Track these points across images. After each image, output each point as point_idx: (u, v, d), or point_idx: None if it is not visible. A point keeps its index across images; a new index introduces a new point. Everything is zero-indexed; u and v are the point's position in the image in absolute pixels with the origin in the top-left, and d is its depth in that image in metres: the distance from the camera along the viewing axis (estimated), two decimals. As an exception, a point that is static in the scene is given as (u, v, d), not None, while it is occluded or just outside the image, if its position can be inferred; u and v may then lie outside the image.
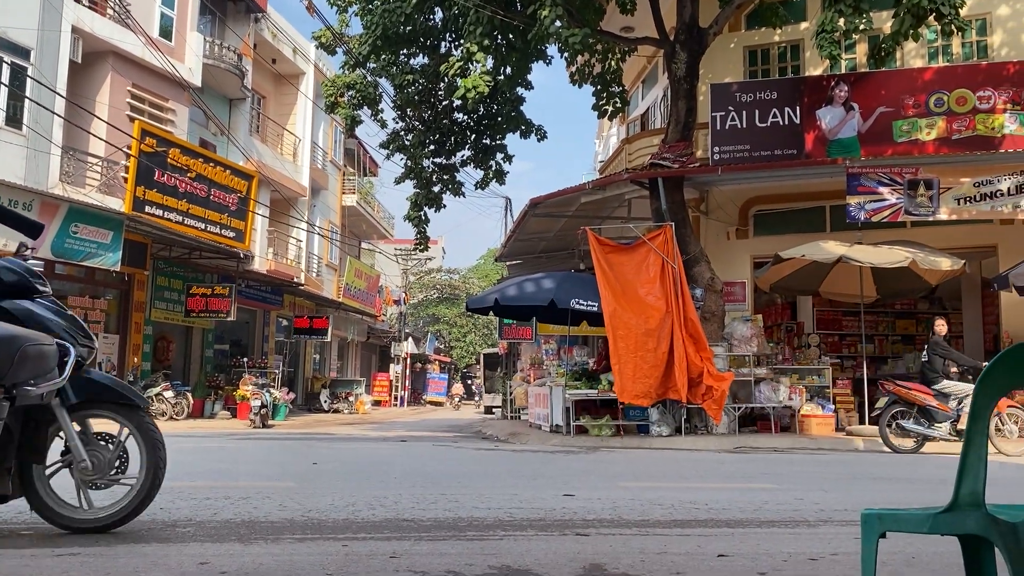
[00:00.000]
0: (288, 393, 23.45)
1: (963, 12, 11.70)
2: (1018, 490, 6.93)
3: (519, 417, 19.77)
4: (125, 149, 18.41)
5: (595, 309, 12.80)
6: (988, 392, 2.03)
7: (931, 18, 11.37)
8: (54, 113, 16.86)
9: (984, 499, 2.03)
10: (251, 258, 22.75)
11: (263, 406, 18.07)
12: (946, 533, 2.09)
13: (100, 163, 18.66)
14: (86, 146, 18.44)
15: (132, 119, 19.11)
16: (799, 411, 12.87)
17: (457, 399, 44.90)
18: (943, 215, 13.14)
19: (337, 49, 17.64)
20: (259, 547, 3.82)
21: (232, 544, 3.88)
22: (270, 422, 18.66)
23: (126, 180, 18.39)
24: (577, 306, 13.09)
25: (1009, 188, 12.83)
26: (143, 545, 3.81)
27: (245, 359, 24.01)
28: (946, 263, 12.94)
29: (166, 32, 20.70)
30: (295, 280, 26.53)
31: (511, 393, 20.82)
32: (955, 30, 11.59)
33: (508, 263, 22.72)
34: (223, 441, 12.53)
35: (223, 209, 20.96)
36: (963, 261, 13.13)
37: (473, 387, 54.27)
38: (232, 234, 21.31)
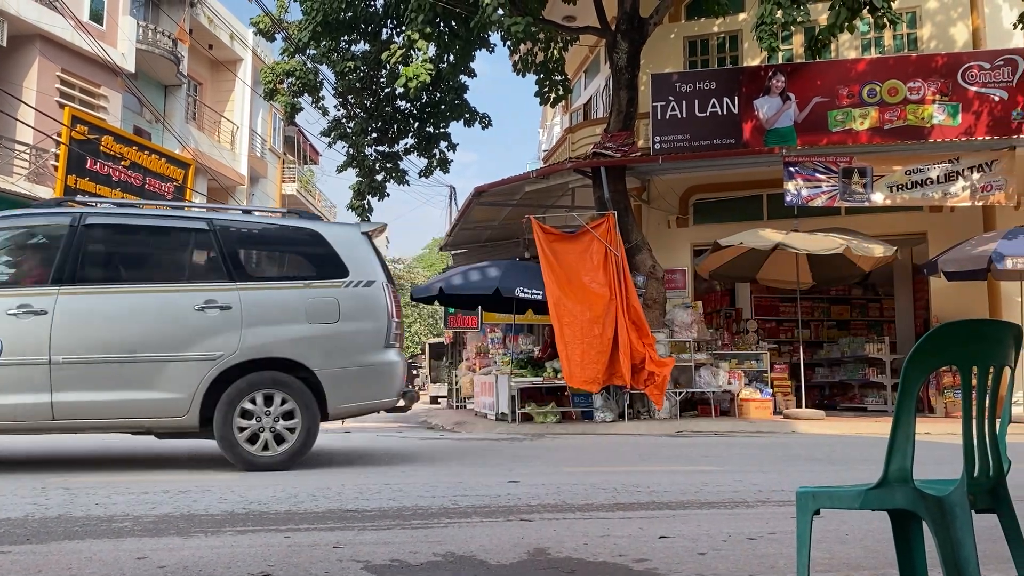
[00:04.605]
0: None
1: (895, 5, 11.99)
2: (941, 467, 7.17)
3: (465, 407, 19.75)
4: (55, 136, 17.81)
5: (540, 297, 12.83)
6: (916, 371, 2.09)
7: (865, 11, 11.64)
8: (-22, 98, 16.23)
9: (912, 475, 2.10)
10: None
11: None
12: (876, 508, 2.16)
13: (28, 151, 18.02)
14: (13, 133, 17.78)
15: (62, 105, 18.50)
16: (738, 395, 13.12)
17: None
18: (877, 200, 13.49)
19: (276, 35, 17.33)
20: (199, 540, 3.76)
21: (171, 538, 3.80)
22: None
23: (56, 168, 17.81)
24: (522, 294, 13.11)
25: (938, 176, 13.25)
26: (76, 542, 3.72)
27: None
28: (879, 250, 13.31)
29: (97, 16, 20.06)
30: (235, 270, 25.98)
31: (457, 383, 20.77)
32: (888, 23, 11.87)
33: (453, 252, 22.61)
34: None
35: (159, 198, 20.45)
36: (895, 248, 13.51)
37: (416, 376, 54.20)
38: (169, 224, 20.76)
